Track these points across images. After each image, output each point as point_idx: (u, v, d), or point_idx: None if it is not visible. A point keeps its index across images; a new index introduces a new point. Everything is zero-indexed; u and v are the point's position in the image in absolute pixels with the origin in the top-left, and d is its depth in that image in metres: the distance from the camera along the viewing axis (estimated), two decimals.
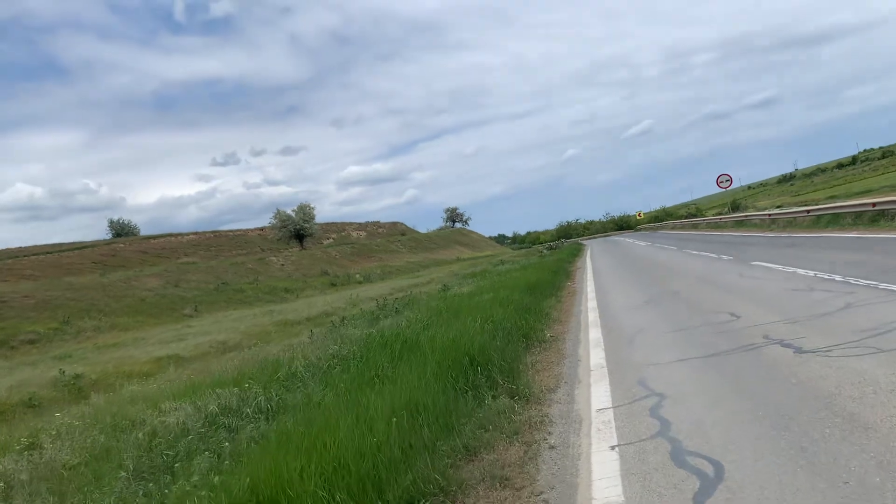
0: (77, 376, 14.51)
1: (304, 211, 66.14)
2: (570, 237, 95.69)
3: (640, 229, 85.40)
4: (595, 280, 17.89)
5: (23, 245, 66.44)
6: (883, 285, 8.17)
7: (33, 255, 58.14)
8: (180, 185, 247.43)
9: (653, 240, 42.19)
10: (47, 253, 58.82)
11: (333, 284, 51.60)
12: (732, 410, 4.55)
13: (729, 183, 44.41)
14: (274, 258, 58.94)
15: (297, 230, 65.40)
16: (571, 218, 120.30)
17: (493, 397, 5.62)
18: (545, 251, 50.56)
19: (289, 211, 66.48)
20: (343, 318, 15.82)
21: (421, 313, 11.42)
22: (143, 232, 79.41)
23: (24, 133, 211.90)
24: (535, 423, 5.19)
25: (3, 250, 62.66)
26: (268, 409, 5.74)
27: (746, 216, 36.14)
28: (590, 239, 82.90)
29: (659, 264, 20.34)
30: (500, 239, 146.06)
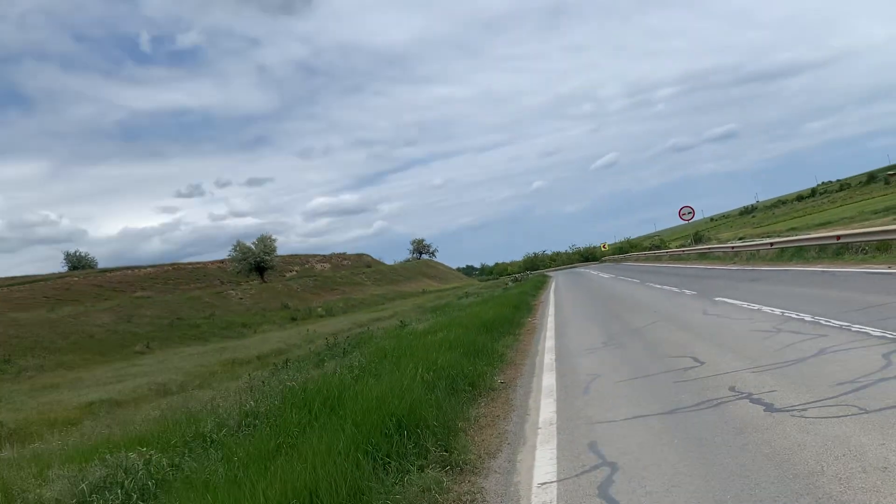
0: None
1: (265, 243, 64.85)
2: (536, 268, 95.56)
3: (604, 261, 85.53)
4: (556, 316, 17.19)
5: None
6: (856, 327, 7.54)
7: None
8: (144, 216, 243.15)
9: (616, 272, 41.88)
10: None
11: (294, 319, 50.23)
12: (695, 491, 3.77)
13: (691, 215, 44.42)
14: (233, 292, 57.44)
15: (257, 263, 63.98)
16: (539, 249, 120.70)
17: (420, 468, 4.78)
18: (510, 283, 50.03)
19: (249, 243, 65.14)
20: (287, 361, 14.85)
21: (364, 357, 10.56)
22: (107, 265, 76.99)
23: None
24: (465, 503, 4.36)
25: None
26: (147, 488, 4.83)
27: (709, 248, 35.96)
28: (556, 270, 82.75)
29: (621, 299, 19.75)
30: (468, 270, 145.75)
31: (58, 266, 76.65)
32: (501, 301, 23.48)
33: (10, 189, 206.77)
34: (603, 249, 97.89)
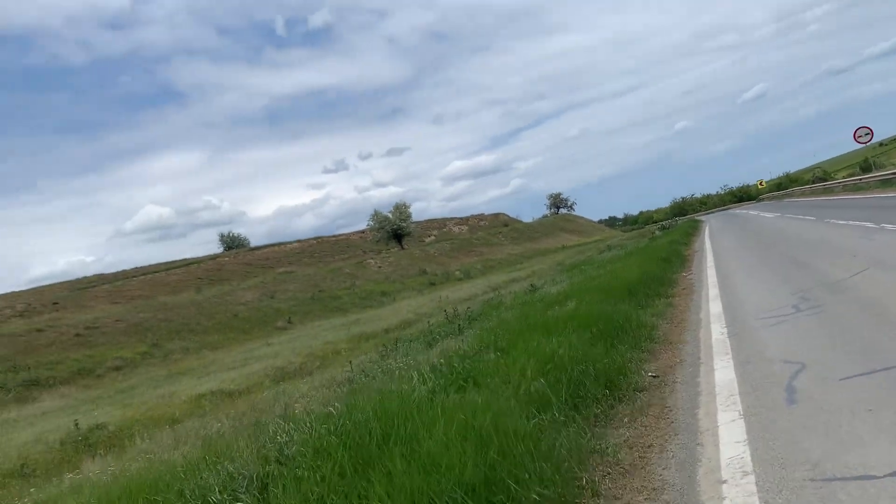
0: (97, 427, 12.43)
1: (401, 210, 64.49)
2: (685, 214, 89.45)
3: (762, 199, 78.02)
4: (718, 268, 14.09)
5: (156, 262, 68.26)
6: None
7: (142, 274, 59.34)
8: (295, 194, 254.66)
9: (780, 210, 36.90)
10: (155, 272, 59.81)
11: (432, 283, 49.10)
12: None
13: (869, 136, 38.25)
14: (372, 261, 57.31)
15: (394, 230, 63.73)
16: (686, 193, 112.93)
17: None
18: (657, 232, 46.06)
19: (385, 212, 64.98)
20: (397, 341, 13.01)
21: (473, 341, 8.34)
22: (266, 242, 79.88)
23: (150, 157, 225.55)
24: None
25: (118, 272, 64.63)
26: None
27: None
28: (707, 214, 76.70)
29: (798, 241, 16.20)
30: (611, 221, 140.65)
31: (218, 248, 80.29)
32: (648, 253, 20.47)
33: (175, 179, 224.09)
34: (760, 187, 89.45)
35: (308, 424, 4.80)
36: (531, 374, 5.16)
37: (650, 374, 6.11)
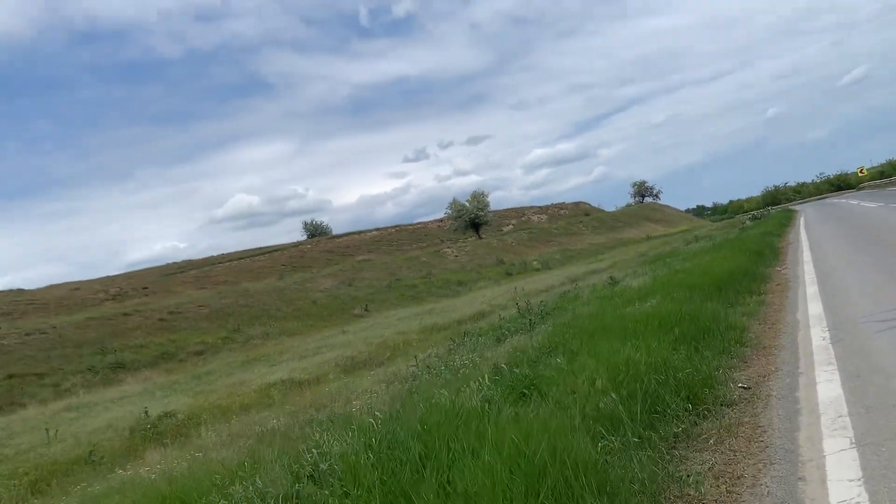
0: (166, 415, 12.47)
1: (478, 199, 64.01)
2: (778, 203, 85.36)
3: (862, 188, 73.30)
4: (816, 263, 12.92)
5: (243, 249, 70.25)
6: None
7: (228, 261, 61.05)
8: (377, 183, 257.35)
9: (884, 199, 34.30)
10: (240, 259, 61.44)
11: (509, 273, 48.41)
12: None
13: None
14: (448, 250, 57.07)
15: (471, 219, 63.31)
16: (779, 182, 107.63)
17: None
18: (748, 222, 43.88)
19: (463, 201, 64.63)
20: (465, 334, 12.52)
21: (544, 338, 7.76)
22: (349, 230, 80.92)
23: (240, 147, 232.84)
24: None
25: (206, 258, 66.79)
26: None
27: None
28: (802, 203, 72.79)
29: None
30: (700, 211, 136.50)
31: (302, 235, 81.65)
32: (737, 245, 19.20)
33: (263, 168, 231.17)
34: (860, 175, 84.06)
35: (348, 434, 4.35)
36: (602, 385, 4.54)
37: (740, 385, 5.37)
